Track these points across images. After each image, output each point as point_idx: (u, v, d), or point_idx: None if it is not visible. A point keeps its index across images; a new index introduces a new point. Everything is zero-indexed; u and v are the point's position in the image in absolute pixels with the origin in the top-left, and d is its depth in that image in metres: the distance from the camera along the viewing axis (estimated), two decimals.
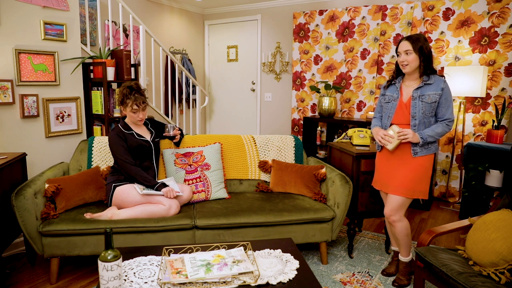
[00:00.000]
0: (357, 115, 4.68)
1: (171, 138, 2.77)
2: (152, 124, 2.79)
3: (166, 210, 2.43)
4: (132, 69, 3.51)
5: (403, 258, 2.40)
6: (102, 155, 2.86)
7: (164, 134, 2.72)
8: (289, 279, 1.62)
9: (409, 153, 2.23)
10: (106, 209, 2.48)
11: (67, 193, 2.46)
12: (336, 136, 4.70)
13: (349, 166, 2.73)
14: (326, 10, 4.71)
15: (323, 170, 2.79)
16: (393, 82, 2.34)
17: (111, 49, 3.48)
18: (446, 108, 2.17)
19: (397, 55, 2.24)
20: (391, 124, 2.29)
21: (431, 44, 4.02)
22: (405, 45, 2.17)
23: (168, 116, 4.68)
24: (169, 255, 1.78)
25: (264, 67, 5.41)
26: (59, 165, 2.74)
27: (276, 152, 3.11)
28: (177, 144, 2.88)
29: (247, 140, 3.12)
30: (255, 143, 3.12)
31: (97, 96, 3.27)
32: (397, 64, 2.29)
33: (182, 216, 2.44)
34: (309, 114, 5.06)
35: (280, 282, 1.60)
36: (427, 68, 2.18)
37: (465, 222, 2.13)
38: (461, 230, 2.19)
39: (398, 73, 2.32)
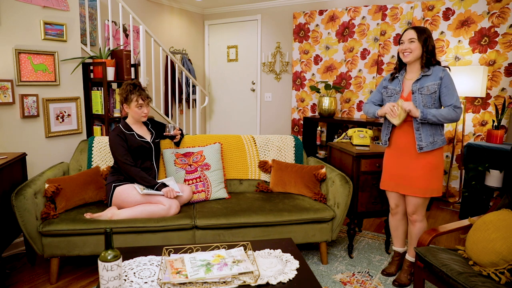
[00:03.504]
0: (357, 115, 4.68)
1: (172, 137, 2.77)
2: (153, 124, 2.79)
3: (166, 210, 2.43)
4: (132, 69, 3.51)
5: (411, 258, 2.39)
6: (102, 155, 2.86)
7: (164, 134, 2.73)
8: (289, 279, 1.62)
9: (415, 150, 2.20)
10: (106, 209, 2.48)
11: (67, 193, 2.46)
12: (336, 136, 4.70)
13: (349, 166, 2.73)
14: (326, 10, 4.71)
15: (323, 170, 2.79)
16: (396, 75, 2.32)
17: (111, 49, 3.48)
18: (449, 96, 2.11)
19: (400, 44, 2.22)
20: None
21: None
22: (410, 33, 2.16)
23: (168, 116, 4.68)
24: (169, 255, 1.78)
25: (264, 67, 5.41)
26: (59, 165, 2.74)
27: (276, 152, 3.11)
28: (177, 144, 2.88)
29: (247, 140, 3.12)
30: (255, 143, 3.12)
31: (97, 96, 3.27)
32: (399, 57, 2.27)
33: (182, 216, 2.44)
34: (309, 114, 5.06)
35: (280, 282, 1.60)
36: (429, 61, 2.15)
37: (465, 222, 2.13)
38: (461, 230, 2.19)
39: (400, 66, 2.30)
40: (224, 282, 1.56)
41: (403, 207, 2.42)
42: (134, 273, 1.65)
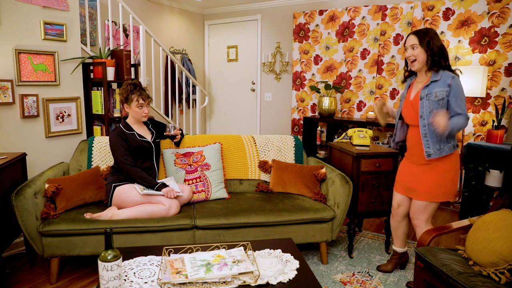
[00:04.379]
0: (357, 115, 4.68)
1: (172, 137, 2.77)
2: (153, 124, 2.79)
3: (166, 210, 2.43)
4: (132, 69, 3.51)
5: None
6: (102, 155, 2.86)
7: (165, 134, 2.73)
8: (289, 279, 1.62)
9: (425, 157, 2.16)
10: (106, 209, 2.48)
11: (67, 193, 2.46)
12: (336, 136, 4.70)
13: (349, 166, 2.73)
14: (326, 10, 4.70)
15: (323, 170, 2.79)
16: (407, 78, 2.31)
17: (111, 49, 3.48)
18: (457, 106, 2.03)
19: (405, 50, 2.18)
20: (407, 126, 2.30)
21: None
22: (412, 39, 2.11)
23: (168, 116, 4.68)
24: (169, 255, 1.78)
25: (264, 67, 5.41)
26: (59, 165, 2.74)
27: (276, 152, 3.11)
28: (177, 144, 2.88)
29: (247, 140, 3.12)
30: (255, 143, 3.12)
31: (97, 96, 3.27)
32: (406, 63, 2.24)
33: (182, 216, 2.44)
34: (309, 114, 5.06)
35: (280, 282, 1.60)
36: (437, 63, 2.08)
37: (465, 222, 2.12)
38: (461, 230, 2.19)
39: (411, 72, 2.27)
40: (224, 282, 1.56)
41: (404, 208, 2.41)
42: (134, 273, 1.65)
